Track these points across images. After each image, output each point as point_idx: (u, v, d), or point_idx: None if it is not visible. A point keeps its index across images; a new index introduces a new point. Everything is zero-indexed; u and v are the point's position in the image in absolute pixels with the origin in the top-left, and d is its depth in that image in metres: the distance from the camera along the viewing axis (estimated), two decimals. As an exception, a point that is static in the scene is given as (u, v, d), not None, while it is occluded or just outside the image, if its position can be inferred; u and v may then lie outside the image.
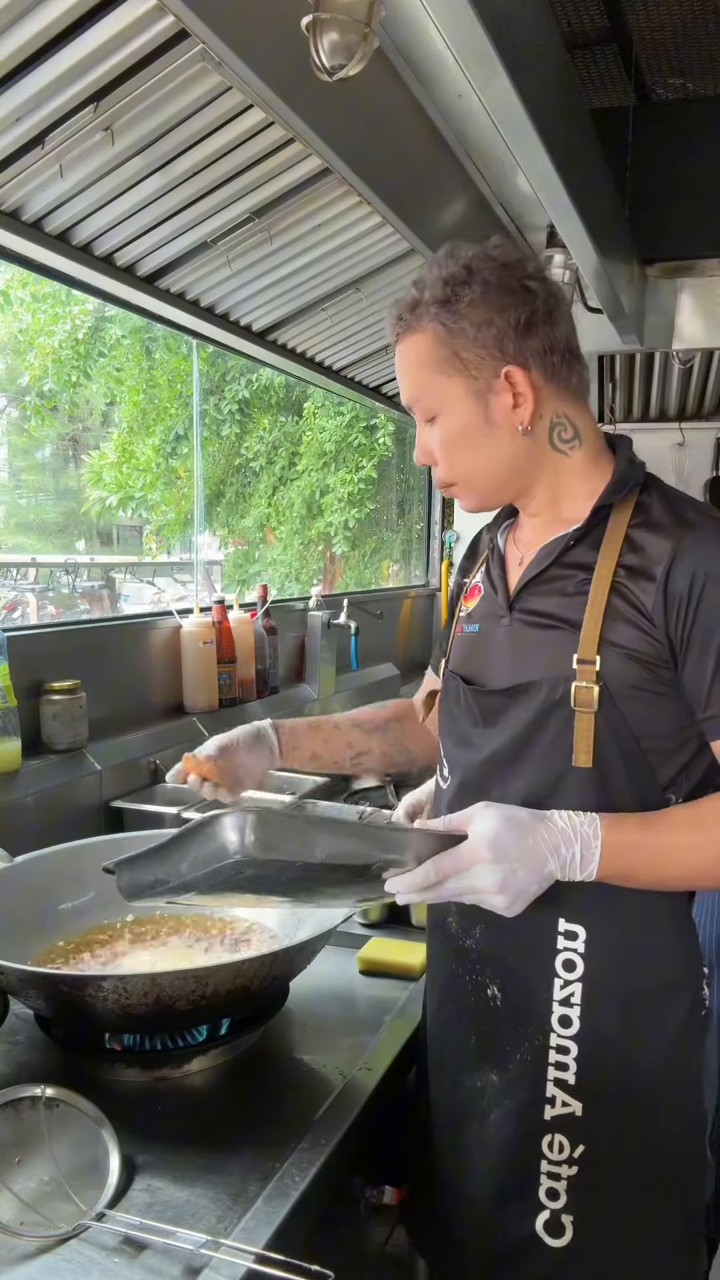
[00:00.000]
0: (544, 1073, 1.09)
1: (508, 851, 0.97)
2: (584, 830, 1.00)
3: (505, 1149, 1.12)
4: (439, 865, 0.97)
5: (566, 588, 1.10)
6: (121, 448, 7.84)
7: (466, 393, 1.09)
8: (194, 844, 0.92)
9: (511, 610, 1.15)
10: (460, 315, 1.07)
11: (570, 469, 1.14)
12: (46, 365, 7.26)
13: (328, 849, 0.92)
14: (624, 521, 1.09)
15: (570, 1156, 1.08)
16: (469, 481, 1.16)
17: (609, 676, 1.04)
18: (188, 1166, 1.00)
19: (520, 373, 1.08)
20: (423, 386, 1.12)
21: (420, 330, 1.10)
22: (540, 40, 1.69)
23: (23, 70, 1.32)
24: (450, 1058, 1.19)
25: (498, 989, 1.13)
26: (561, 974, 1.09)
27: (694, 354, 3.66)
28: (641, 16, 2.90)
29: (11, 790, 1.71)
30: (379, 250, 2.15)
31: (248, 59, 1.29)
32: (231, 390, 7.79)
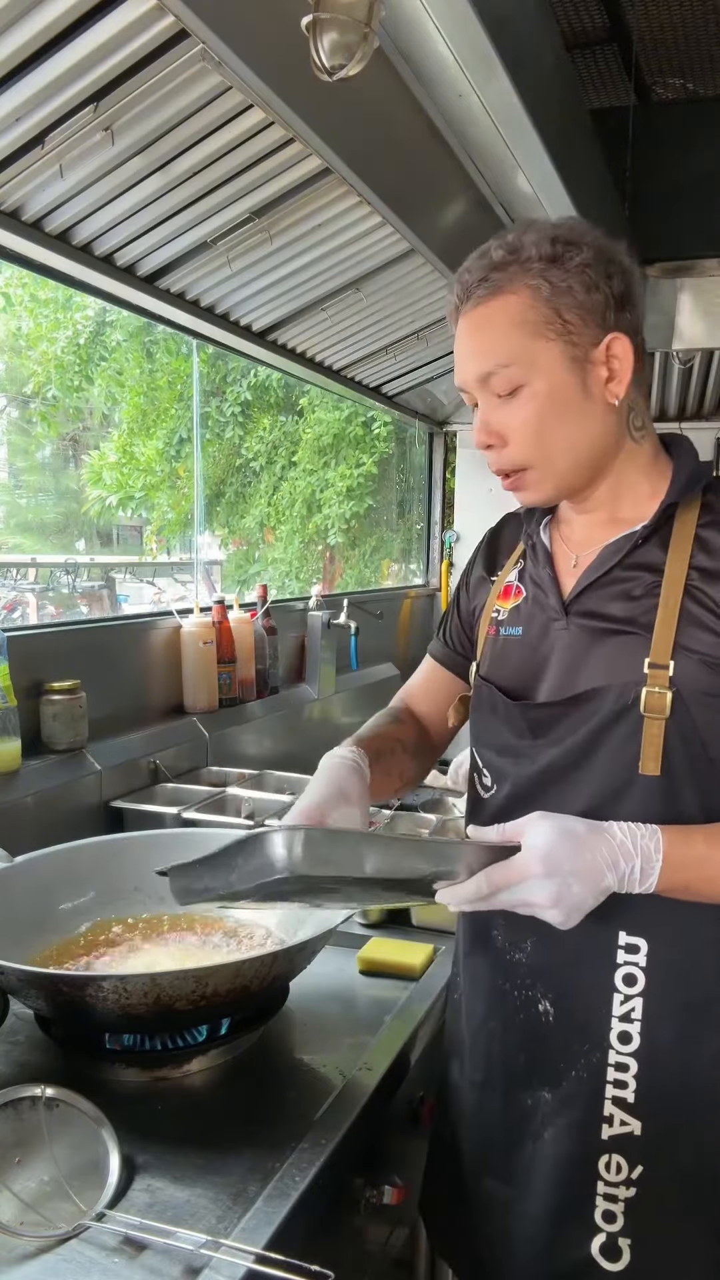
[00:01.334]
0: (601, 1091, 1.05)
1: (561, 865, 0.92)
2: (645, 844, 0.95)
3: (560, 1168, 1.08)
4: (491, 878, 0.93)
5: (633, 590, 1.05)
6: (122, 448, 7.85)
7: (565, 358, 1.01)
8: (242, 856, 0.91)
9: (568, 613, 1.09)
10: (570, 274, 1.00)
11: (637, 462, 1.09)
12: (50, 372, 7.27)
13: (377, 864, 0.90)
14: (691, 521, 1.05)
15: (628, 1178, 1.04)
16: (549, 461, 1.05)
17: (682, 682, 1.00)
18: (188, 1166, 1.00)
19: (624, 341, 1.02)
20: (515, 350, 1.01)
21: (514, 291, 1.01)
22: (540, 40, 1.70)
23: (23, 70, 1.32)
24: (497, 1075, 1.14)
25: (550, 1004, 1.09)
26: (622, 989, 1.05)
27: (694, 354, 3.66)
28: (641, 16, 2.90)
29: (11, 790, 1.71)
30: (379, 250, 2.15)
31: (248, 59, 1.29)
32: (233, 392, 7.80)
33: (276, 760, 2.50)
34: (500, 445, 1.06)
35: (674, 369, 3.82)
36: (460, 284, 1.05)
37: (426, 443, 4.39)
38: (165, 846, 1.54)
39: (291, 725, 2.70)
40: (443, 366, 3.21)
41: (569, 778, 1.06)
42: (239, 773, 2.25)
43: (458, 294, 1.06)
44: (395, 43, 1.59)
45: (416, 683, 1.38)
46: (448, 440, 4.35)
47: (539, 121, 1.64)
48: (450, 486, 4.43)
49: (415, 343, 2.86)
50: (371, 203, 1.84)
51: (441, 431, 4.31)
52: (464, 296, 1.05)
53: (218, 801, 2.04)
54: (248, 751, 2.45)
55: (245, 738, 2.45)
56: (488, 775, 1.17)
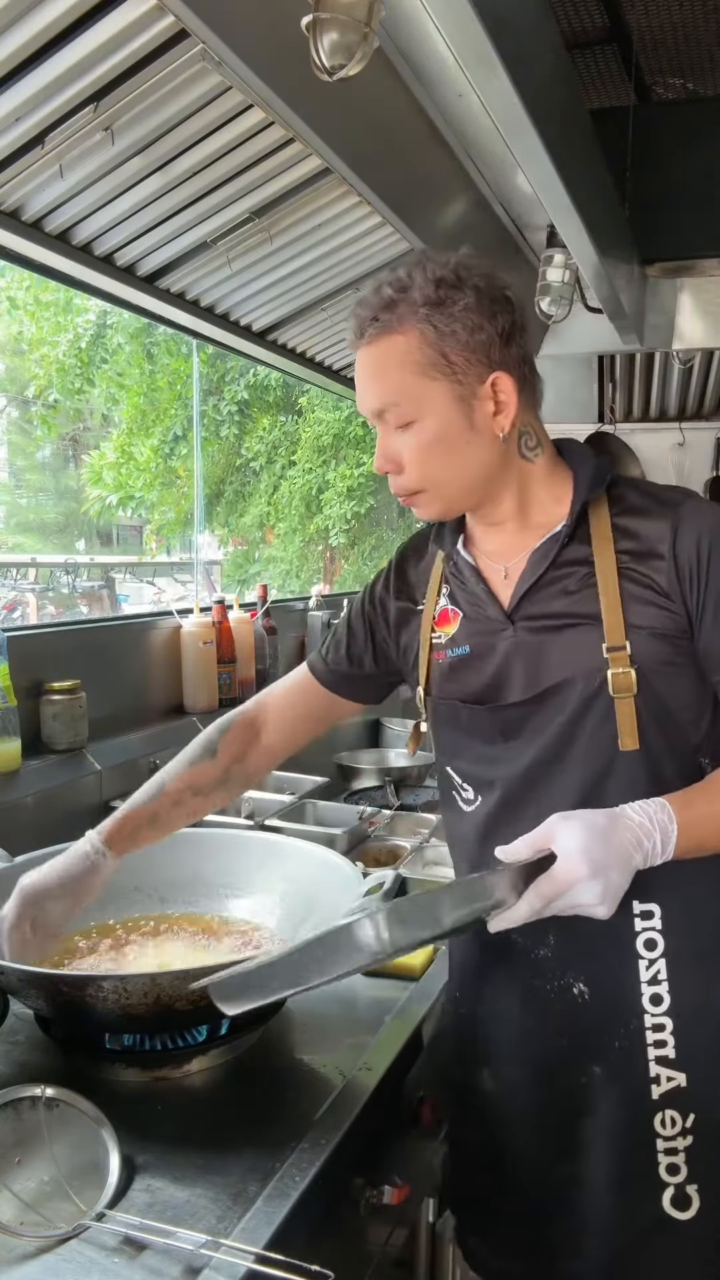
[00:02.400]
0: (644, 1054, 1.12)
1: (601, 860, 0.96)
2: (659, 817, 1.01)
3: (618, 1137, 1.13)
4: (540, 892, 0.96)
5: (569, 585, 1.12)
6: (121, 448, 7.86)
7: (450, 397, 1.08)
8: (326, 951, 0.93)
9: (513, 621, 1.15)
10: (454, 318, 1.06)
11: (535, 476, 1.16)
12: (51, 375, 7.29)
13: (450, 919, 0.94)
14: (604, 514, 1.13)
15: (684, 1128, 1.11)
16: (439, 489, 1.13)
17: (640, 658, 1.07)
18: (188, 1166, 1.00)
19: (507, 379, 1.08)
20: (402, 390, 1.08)
21: (403, 331, 1.07)
22: (540, 40, 1.69)
23: (23, 70, 1.32)
24: (543, 1067, 1.18)
25: (584, 985, 1.14)
26: (645, 954, 1.12)
27: (694, 354, 3.66)
28: (641, 16, 2.90)
29: (11, 790, 1.71)
30: (379, 250, 2.15)
31: (248, 59, 1.28)
32: (231, 391, 7.81)
33: (277, 760, 2.50)
34: (396, 471, 1.12)
35: (674, 369, 3.83)
36: (356, 318, 1.10)
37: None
38: (165, 846, 1.53)
39: (291, 725, 2.70)
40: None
41: (554, 769, 1.12)
42: (239, 773, 2.24)
43: (354, 328, 1.11)
44: (395, 43, 1.59)
45: (279, 694, 1.40)
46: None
47: (539, 121, 1.64)
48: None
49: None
50: (371, 203, 1.84)
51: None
52: (359, 332, 1.10)
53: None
54: (248, 751, 2.44)
55: (245, 738, 2.44)
56: (469, 788, 1.21)
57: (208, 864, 1.51)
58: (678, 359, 3.74)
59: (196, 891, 1.49)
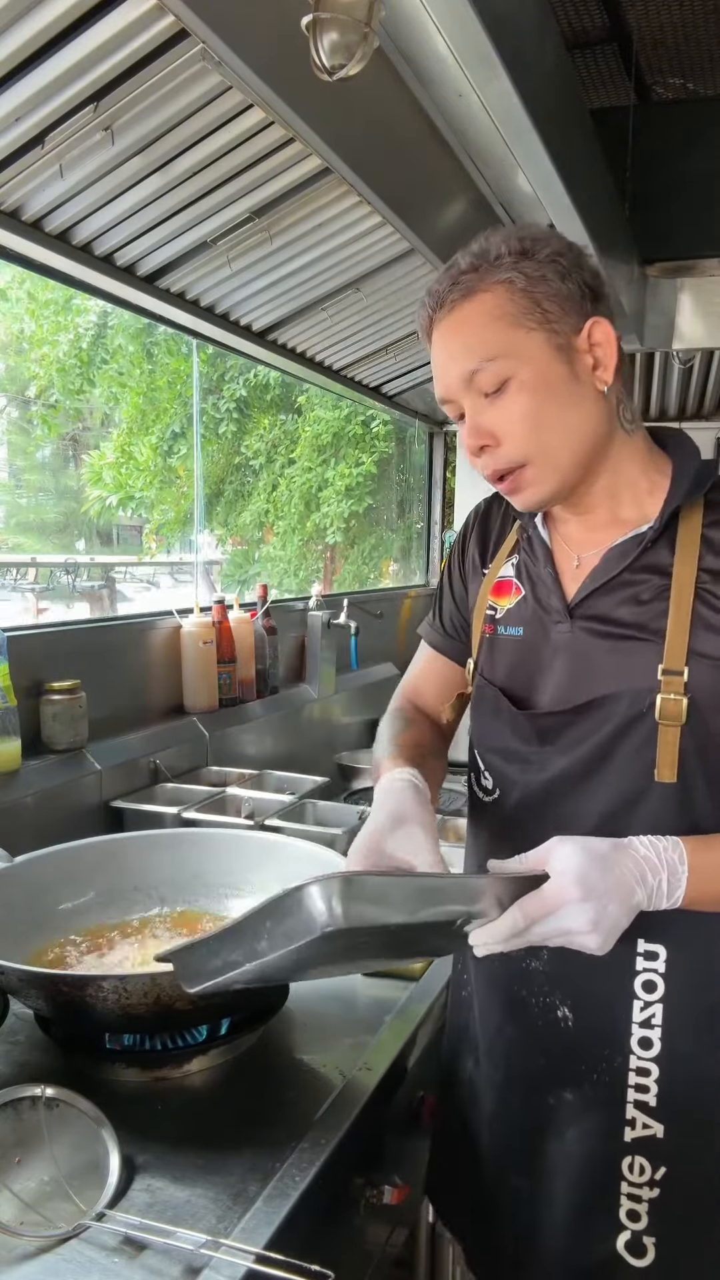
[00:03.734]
0: (623, 1095, 1.06)
1: (596, 887, 0.89)
2: (669, 856, 0.93)
3: (583, 1167, 1.08)
4: (525, 910, 0.89)
5: (641, 594, 1.03)
6: (121, 448, 7.86)
7: (549, 346, 0.99)
8: (272, 920, 0.84)
9: (572, 616, 1.07)
10: (542, 264, 0.99)
11: (633, 456, 1.07)
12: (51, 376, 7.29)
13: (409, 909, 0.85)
14: (697, 522, 1.03)
15: (652, 1179, 1.05)
16: (548, 454, 1.01)
17: (697, 688, 0.98)
18: (188, 1166, 1.00)
19: (605, 326, 1.01)
20: (498, 343, 0.99)
21: (488, 289, 0.99)
22: (540, 40, 1.69)
23: (23, 70, 1.32)
24: (517, 1076, 1.15)
25: (569, 1010, 1.09)
26: (641, 995, 1.05)
27: (694, 354, 3.66)
28: (641, 16, 2.90)
29: (11, 790, 1.71)
30: (379, 250, 2.15)
31: (248, 59, 1.28)
32: (230, 389, 7.81)
33: (276, 760, 2.50)
34: (494, 445, 1.02)
35: (674, 369, 3.82)
36: (431, 296, 1.03)
37: (426, 442, 4.39)
38: (165, 846, 1.54)
39: (291, 725, 2.70)
40: (443, 366, 3.20)
41: (582, 786, 1.04)
42: (239, 773, 2.25)
43: (430, 306, 1.03)
44: (395, 43, 1.59)
45: (420, 675, 1.32)
46: (448, 440, 4.35)
47: (539, 121, 1.64)
48: (450, 486, 4.43)
49: (415, 342, 2.86)
50: (371, 203, 1.84)
51: (441, 431, 4.31)
52: (436, 305, 1.02)
53: (218, 801, 2.04)
54: (248, 751, 2.45)
55: (245, 738, 2.45)
56: (489, 778, 1.15)
57: (208, 864, 1.51)
58: (678, 359, 3.74)
59: (196, 891, 1.49)
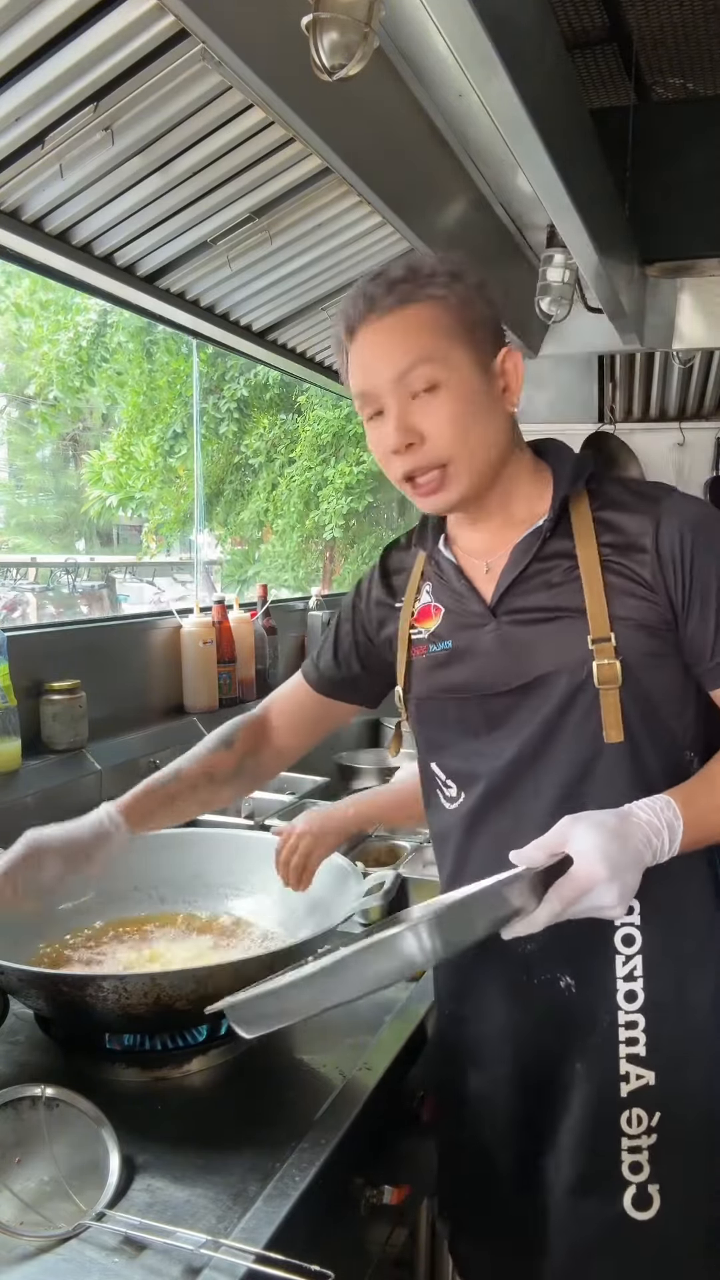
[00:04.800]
0: (616, 1051, 1.12)
1: (619, 862, 0.96)
2: (666, 815, 1.01)
3: (586, 1134, 1.12)
4: (562, 895, 0.95)
5: (552, 579, 1.12)
6: (121, 448, 7.86)
7: (474, 364, 1.09)
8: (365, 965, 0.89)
9: (496, 615, 1.15)
10: (470, 290, 1.10)
11: (521, 469, 1.17)
12: (51, 374, 7.28)
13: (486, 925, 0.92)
14: (585, 508, 1.13)
15: (649, 1125, 1.11)
16: (469, 456, 1.10)
17: (625, 650, 1.07)
18: (188, 1166, 1.00)
19: (516, 356, 1.12)
20: (432, 348, 1.07)
21: (422, 302, 1.08)
22: (540, 40, 1.69)
23: (23, 70, 1.32)
24: (522, 1065, 1.18)
25: (570, 978, 1.14)
26: (622, 949, 1.12)
27: (694, 354, 3.66)
28: (641, 16, 2.90)
29: (11, 790, 1.71)
30: (379, 250, 2.15)
31: (248, 59, 1.28)
32: (230, 389, 7.81)
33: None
34: (419, 444, 1.09)
35: (674, 369, 3.82)
36: (363, 297, 1.10)
37: (426, 442, 4.39)
38: (165, 846, 1.54)
39: (291, 725, 2.70)
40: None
41: (538, 763, 1.12)
42: (239, 773, 2.24)
43: (359, 308, 1.10)
44: (395, 43, 1.59)
45: (281, 699, 1.43)
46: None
47: (539, 121, 1.64)
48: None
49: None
50: (371, 203, 1.84)
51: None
52: (369, 307, 1.09)
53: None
54: (248, 751, 2.44)
55: (245, 738, 2.44)
56: (452, 785, 1.21)
57: (208, 864, 1.51)
58: (678, 359, 3.74)
59: (196, 891, 1.50)
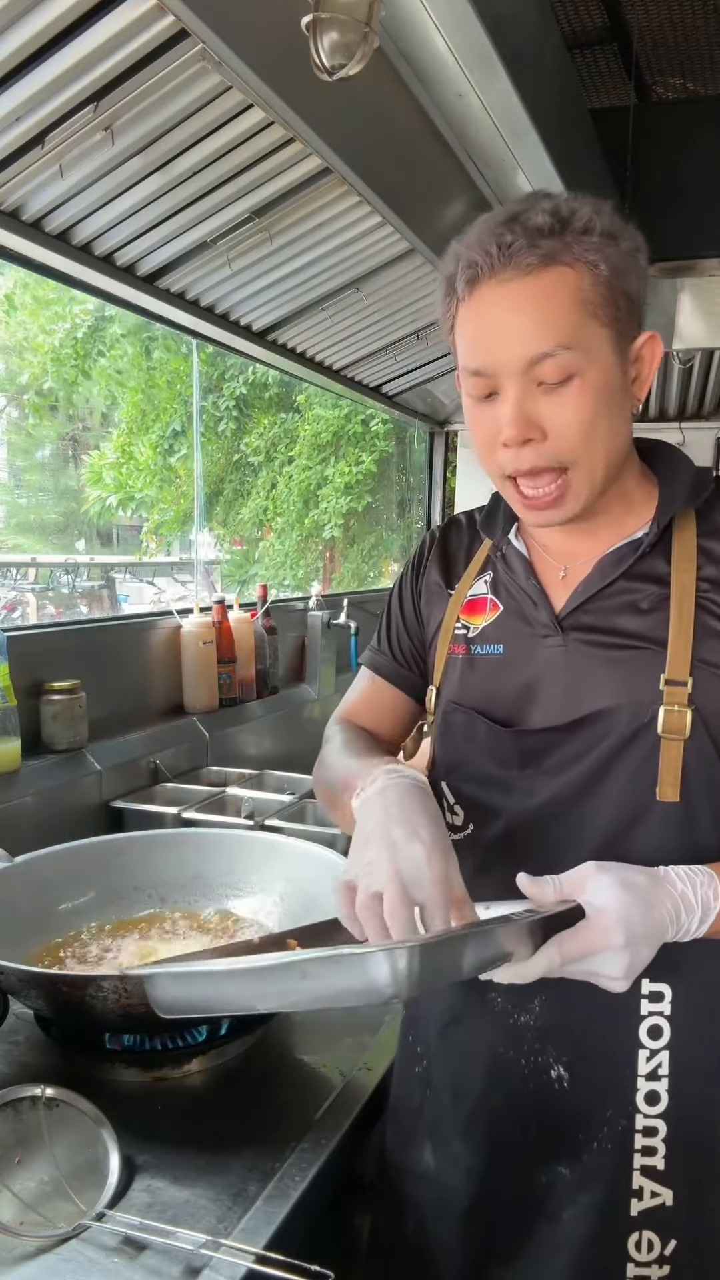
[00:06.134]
0: (629, 1161, 0.95)
1: (637, 931, 0.83)
2: (704, 892, 0.87)
3: (584, 1254, 0.96)
4: (564, 950, 0.82)
5: (640, 603, 0.97)
6: (121, 448, 7.86)
7: (617, 350, 0.91)
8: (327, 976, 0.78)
9: (563, 628, 1.00)
10: (625, 255, 0.90)
11: (632, 469, 1.01)
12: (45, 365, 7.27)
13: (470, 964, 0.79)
14: (690, 531, 0.98)
15: (661, 1255, 0.95)
16: (590, 465, 0.93)
17: (702, 699, 0.92)
18: (188, 1166, 1.00)
19: (658, 340, 0.93)
20: (575, 332, 0.88)
21: (571, 264, 0.88)
22: (540, 40, 1.69)
23: (23, 70, 1.32)
24: (503, 1156, 1.01)
25: (564, 1069, 0.98)
26: (647, 1043, 0.96)
27: (694, 354, 3.65)
28: (641, 16, 2.90)
29: (11, 790, 1.71)
30: (379, 250, 2.15)
31: (248, 59, 1.28)
32: (230, 388, 7.81)
33: (276, 760, 2.50)
34: (540, 440, 0.92)
35: (674, 369, 3.82)
36: (496, 243, 0.88)
37: (427, 442, 4.39)
38: (165, 846, 1.54)
39: (291, 725, 2.70)
40: (443, 366, 3.20)
41: (576, 810, 0.97)
42: (239, 772, 2.25)
43: (490, 255, 0.88)
44: (395, 43, 1.59)
45: (358, 701, 1.22)
46: (448, 440, 4.35)
47: (539, 121, 1.64)
48: (450, 486, 4.43)
49: (415, 343, 2.86)
50: (371, 203, 1.84)
51: (442, 431, 4.31)
52: (504, 259, 0.88)
53: (217, 801, 2.04)
54: (248, 751, 2.45)
55: (245, 738, 2.45)
56: (460, 813, 1.06)
57: (208, 864, 1.51)
58: (678, 359, 3.73)
59: (197, 891, 1.49)
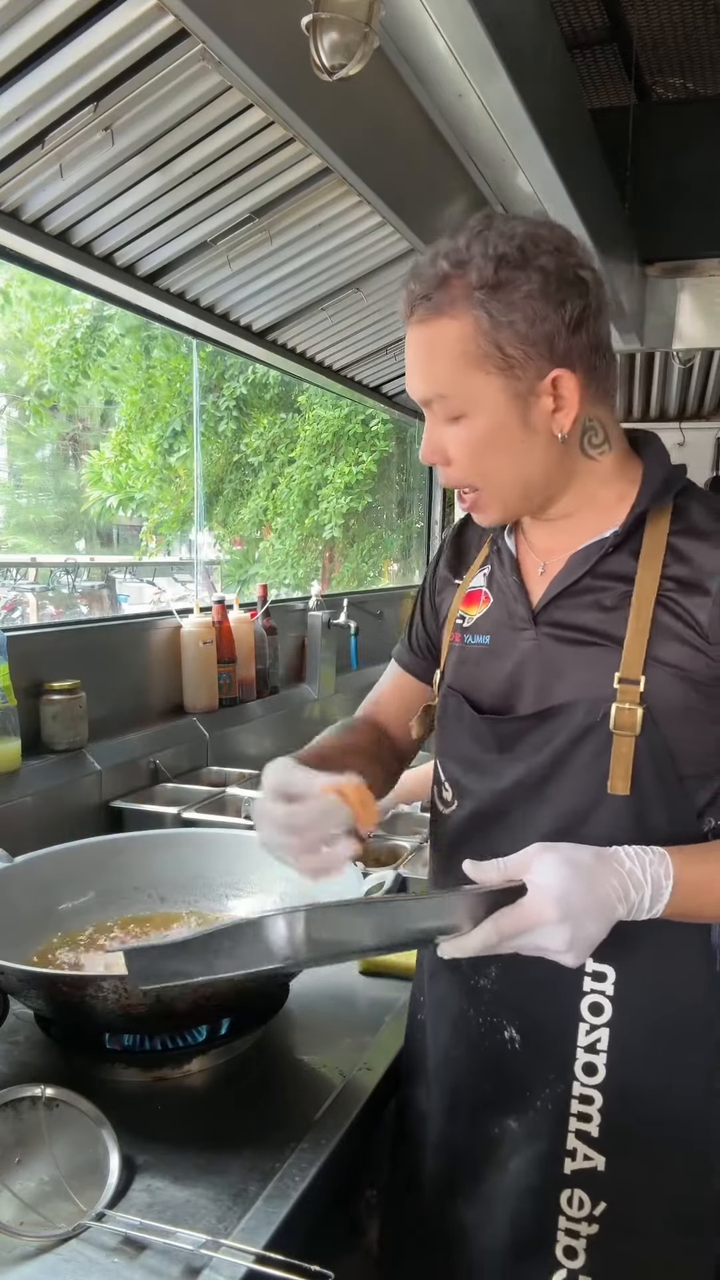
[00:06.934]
0: (565, 1123, 1.02)
1: (574, 906, 0.86)
2: (654, 870, 0.91)
3: (522, 1201, 1.04)
4: (500, 926, 0.87)
5: (604, 600, 1.01)
6: (120, 448, 7.86)
7: (506, 394, 0.96)
8: (230, 941, 0.84)
9: (536, 623, 1.05)
10: (513, 306, 0.93)
11: (599, 475, 1.04)
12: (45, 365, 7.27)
13: (378, 935, 0.85)
14: (663, 528, 1.01)
15: (590, 1214, 1.01)
16: (496, 491, 1.02)
17: (653, 698, 0.96)
18: (188, 1166, 1.00)
19: (569, 377, 0.96)
20: (453, 382, 0.97)
21: (454, 316, 0.95)
22: (540, 40, 1.69)
23: (23, 70, 1.32)
24: (464, 1103, 1.10)
25: (515, 1032, 1.05)
26: (588, 1018, 1.01)
27: (694, 354, 3.66)
28: (641, 16, 2.91)
29: (11, 790, 1.71)
30: (379, 250, 2.15)
31: (248, 59, 1.28)
32: (230, 388, 7.81)
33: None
34: (443, 463, 1.03)
35: (674, 369, 3.83)
36: (407, 292, 0.99)
37: (426, 442, 4.39)
38: (165, 846, 1.54)
39: (291, 725, 2.70)
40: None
41: (535, 796, 1.02)
42: (239, 772, 2.25)
43: (404, 301, 1.00)
44: (395, 43, 1.59)
45: (385, 692, 1.31)
46: (448, 440, 4.35)
47: (539, 121, 1.64)
48: (450, 486, 4.43)
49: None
50: (371, 203, 1.84)
51: (441, 431, 4.31)
52: (408, 308, 0.99)
53: (218, 801, 2.04)
54: (248, 751, 2.45)
55: (245, 738, 2.45)
56: (449, 789, 1.13)
57: (208, 864, 1.51)
58: (678, 359, 3.74)
59: (196, 891, 1.49)
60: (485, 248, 0.94)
